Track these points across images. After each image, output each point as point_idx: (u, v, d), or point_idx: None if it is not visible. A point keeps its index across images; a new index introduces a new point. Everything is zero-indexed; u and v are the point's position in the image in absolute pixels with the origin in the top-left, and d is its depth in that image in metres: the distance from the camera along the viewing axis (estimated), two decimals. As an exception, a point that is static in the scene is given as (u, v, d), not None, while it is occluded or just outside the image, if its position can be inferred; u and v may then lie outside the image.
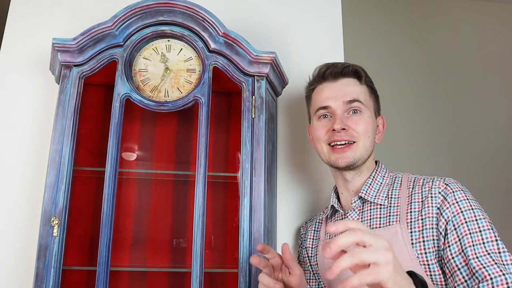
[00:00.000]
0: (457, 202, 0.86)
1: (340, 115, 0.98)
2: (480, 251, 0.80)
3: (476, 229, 0.82)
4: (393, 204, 0.94)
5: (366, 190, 0.98)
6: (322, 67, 1.05)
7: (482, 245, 0.80)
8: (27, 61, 1.38)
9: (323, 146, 1.00)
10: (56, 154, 1.07)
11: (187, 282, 1.24)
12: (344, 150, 0.97)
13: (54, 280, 1.00)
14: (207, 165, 1.09)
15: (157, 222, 1.30)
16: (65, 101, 1.10)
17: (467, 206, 0.86)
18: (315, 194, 1.36)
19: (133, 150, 1.35)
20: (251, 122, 1.12)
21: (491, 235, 0.81)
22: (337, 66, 1.02)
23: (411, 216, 0.90)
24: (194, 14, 1.14)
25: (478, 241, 0.81)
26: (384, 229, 0.92)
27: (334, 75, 1.02)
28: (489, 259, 0.78)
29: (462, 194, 0.88)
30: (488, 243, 0.80)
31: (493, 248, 0.80)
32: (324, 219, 1.11)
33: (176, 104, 1.13)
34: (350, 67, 1.02)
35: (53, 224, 1.01)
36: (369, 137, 0.98)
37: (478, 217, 0.84)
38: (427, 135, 2.41)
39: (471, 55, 2.57)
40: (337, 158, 0.97)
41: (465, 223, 0.83)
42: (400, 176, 1.00)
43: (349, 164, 0.97)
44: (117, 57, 1.13)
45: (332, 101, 0.99)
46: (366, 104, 1.00)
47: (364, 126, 0.98)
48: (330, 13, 1.53)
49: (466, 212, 0.85)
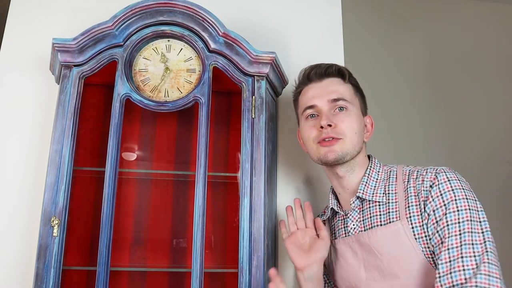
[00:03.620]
0: (441, 195, 0.87)
1: (326, 112, 0.99)
2: (454, 242, 0.81)
3: (456, 220, 0.83)
4: (391, 200, 0.95)
5: (363, 189, 0.99)
6: (307, 69, 1.07)
7: (458, 236, 0.81)
8: (27, 61, 1.38)
9: (313, 145, 1.01)
10: (56, 154, 1.07)
11: (187, 282, 1.24)
12: (331, 144, 0.97)
13: (54, 280, 1.00)
14: (207, 165, 1.09)
15: (157, 222, 1.30)
16: (65, 101, 1.10)
17: (450, 197, 0.85)
18: (316, 194, 1.36)
19: (133, 150, 1.35)
20: (251, 122, 1.12)
21: (465, 227, 0.82)
22: (320, 66, 1.05)
23: (409, 211, 0.90)
24: (194, 14, 1.14)
25: (455, 232, 0.82)
26: (385, 227, 0.92)
27: (318, 76, 1.04)
28: (459, 252, 0.80)
29: (448, 185, 0.87)
30: (464, 234, 0.81)
31: (467, 239, 0.81)
32: (326, 221, 1.11)
33: (176, 104, 1.13)
34: (333, 67, 1.04)
35: (53, 224, 1.02)
36: (355, 133, 0.99)
37: (460, 208, 0.84)
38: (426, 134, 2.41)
39: (471, 55, 2.57)
40: (326, 152, 0.98)
41: (445, 216, 0.84)
42: (395, 169, 1.00)
43: (337, 158, 0.97)
44: (117, 57, 1.13)
45: (317, 100, 1.01)
46: (352, 101, 1.02)
47: (350, 123, 0.99)
48: (330, 13, 1.53)
49: (449, 204, 0.85)
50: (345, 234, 1.02)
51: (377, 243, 0.93)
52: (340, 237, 1.03)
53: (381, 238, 0.92)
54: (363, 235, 0.96)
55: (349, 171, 1.01)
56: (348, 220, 1.01)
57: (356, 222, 0.99)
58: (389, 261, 0.91)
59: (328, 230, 1.10)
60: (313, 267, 1.00)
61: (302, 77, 1.08)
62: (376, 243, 0.93)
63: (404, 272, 0.89)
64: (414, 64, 2.50)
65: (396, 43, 2.52)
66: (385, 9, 2.56)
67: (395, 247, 0.90)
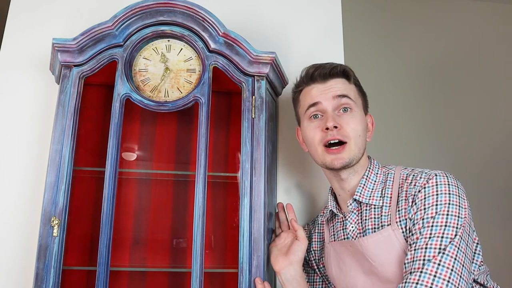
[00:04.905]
0: (424, 198, 0.86)
1: (331, 113, 0.98)
2: (422, 243, 0.81)
3: (429, 223, 0.83)
4: (386, 203, 0.94)
5: (360, 191, 0.98)
6: (310, 68, 1.05)
7: (428, 239, 0.81)
8: (27, 61, 1.38)
9: (318, 148, 1.00)
10: (56, 154, 1.07)
11: (187, 282, 1.24)
12: (339, 151, 0.96)
13: (54, 280, 1.00)
14: (207, 165, 1.09)
15: (157, 222, 1.30)
16: (65, 101, 1.10)
17: (432, 202, 0.85)
18: (316, 194, 1.36)
19: (133, 150, 1.35)
20: (251, 122, 1.12)
21: (437, 231, 0.81)
22: (325, 67, 1.02)
23: (399, 215, 0.90)
24: (194, 14, 1.14)
25: (426, 235, 0.82)
26: (376, 234, 0.92)
27: (323, 76, 1.02)
28: (423, 253, 0.81)
29: (434, 189, 0.86)
30: (431, 237, 0.81)
31: (435, 244, 0.81)
32: (325, 221, 1.11)
33: (176, 104, 1.13)
34: (338, 67, 1.02)
35: (53, 224, 1.02)
36: (360, 136, 0.98)
37: (440, 212, 0.83)
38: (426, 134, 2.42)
39: (471, 55, 2.57)
40: (333, 160, 0.97)
41: (421, 220, 0.84)
42: (393, 172, 0.99)
43: (345, 165, 0.97)
44: (117, 57, 1.13)
45: (322, 98, 1.00)
46: (356, 101, 1.01)
47: (355, 125, 0.98)
48: (330, 13, 1.53)
49: (428, 209, 0.85)
50: (344, 237, 1.01)
51: (370, 250, 0.92)
52: (339, 239, 1.03)
53: (373, 245, 0.92)
54: (355, 244, 0.95)
55: (352, 174, 1.00)
56: (347, 222, 1.01)
57: (354, 224, 0.99)
58: (382, 266, 0.90)
59: (327, 231, 1.10)
60: (289, 269, 1.00)
61: (305, 76, 1.06)
62: (368, 251, 0.92)
63: (397, 277, 0.88)
64: (414, 63, 2.51)
65: (396, 43, 2.52)
66: (385, 10, 2.56)
67: (387, 253, 0.90)
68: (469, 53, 2.57)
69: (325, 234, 1.10)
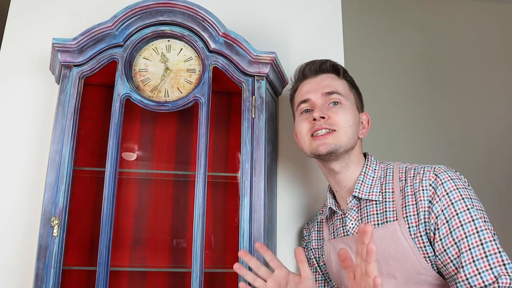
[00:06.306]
0: (447, 194, 0.86)
1: (320, 105, 0.99)
2: (473, 241, 0.81)
3: (469, 219, 0.83)
4: (388, 199, 0.94)
5: (359, 188, 0.98)
6: (302, 66, 1.08)
7: (476, 234, 0.81)
8: (27, 61, 1.38)
9: (305, 138, 1.01)
10: (56, 154, 1.07)
11: (187, 282, 1.24)
12: (325, 137, 0.97)
13: (54, 280, 1.00)
14: (207, 165, 1.09)
15: (157, 222, 1.30)
16: (65, 101, 1.10)
17: (457, 196, 0.85)
18: (316, 194, 1.36)
19: (133, 150, 1.35)
20: (251, 122, 1.12)
21: (481, 224, 0.82)
22: (315, 62, 1.06)
23: (406, 210, 0.90)
24: (194, 14, 1.14)
25: (472, 231, 0.82)
26: (382, 227, 0.92)
27: (313, 71, 1.05)
28: (477, 253, 0.80)
29: (452, 184, 0.87)
30: (479, 232, 0.82)
31: (481, 239, 0.81)
32: (324, 219, 1.11)
33: (176, 104, 1.13)
34: (327, 62, 1.05)
35: (53, 224, 1.02)
36: (350, 126, 0.98)
37: (469, 206, 0.84)
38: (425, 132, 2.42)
39: (471, 55, 2.57)
40: (318, 145, 0.97)
41: (456, 215, 0.84)
42: (391, 167, 1.00)
43: (330, 150, 0.96)
44: (117, 57, 1.13)
45: (311, 94, 1.01)
46: (346, 96, 1.01)
47: (344, 115, 0.98)
48: (330, 13, 1.53)
49: (456, 204, 0.85)
50: (344, 234, 1.01)
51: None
52: (339, 236, 1.03)
53: (378, 239, 0.92)
54: (356, 238, 0.95)
55: (345, 168, 1.00)
56: (346, 219, 1.01)
57: (354, 221, 0.99)
58: (386, 261, 0.91)
59: (326, 229, 1.10)
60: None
61: (297, 74, 1.09)
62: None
63: (401, 272, 0.89)
64: (413, 63, 2.51)
65: (395, 42, 2.52)
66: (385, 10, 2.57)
67: (392, 248, 0.90)
68: (468, 52, 2.57)
69: (325, 232, 1.10)
